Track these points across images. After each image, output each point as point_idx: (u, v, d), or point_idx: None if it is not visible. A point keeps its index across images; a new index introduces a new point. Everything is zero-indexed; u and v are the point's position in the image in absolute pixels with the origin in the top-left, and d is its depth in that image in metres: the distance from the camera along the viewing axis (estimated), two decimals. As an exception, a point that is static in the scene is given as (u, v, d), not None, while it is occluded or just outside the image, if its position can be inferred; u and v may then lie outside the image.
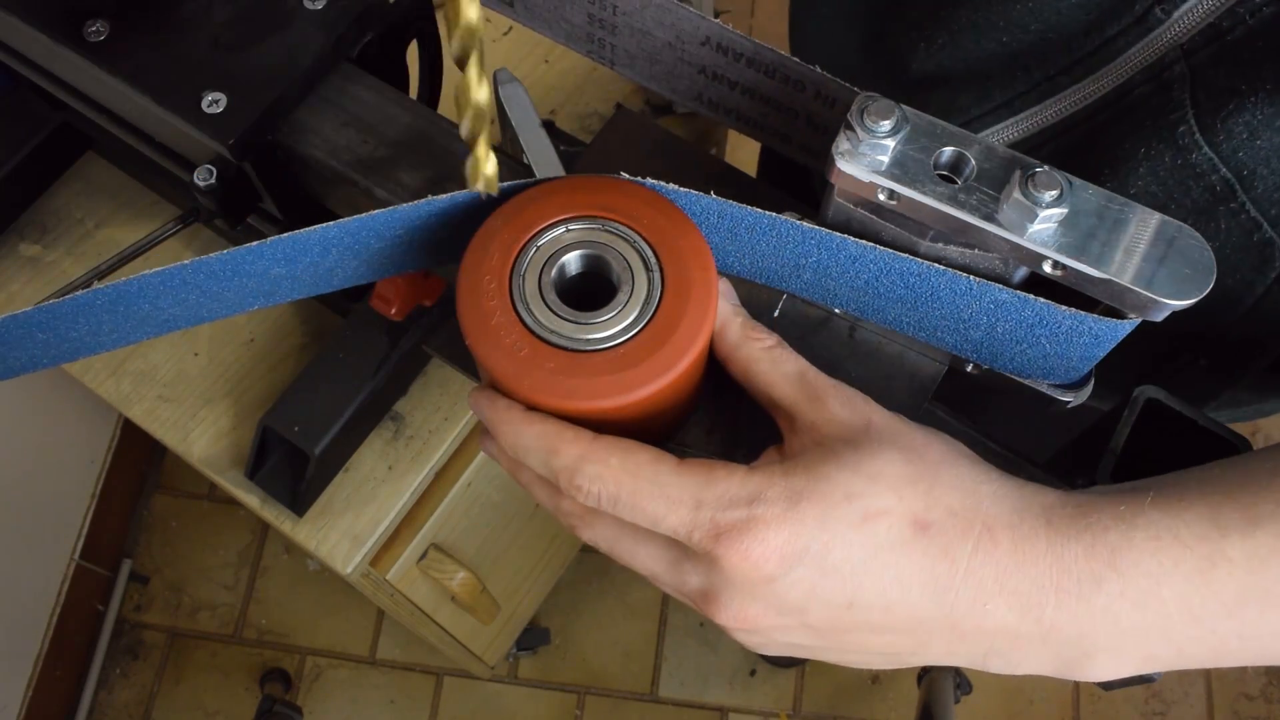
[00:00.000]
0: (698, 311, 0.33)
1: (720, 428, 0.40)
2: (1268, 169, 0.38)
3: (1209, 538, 0.30)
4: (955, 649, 0.32)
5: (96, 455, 1.60)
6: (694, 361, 0.33)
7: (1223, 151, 0.39)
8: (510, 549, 1.17)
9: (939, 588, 0.30)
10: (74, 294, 0.35)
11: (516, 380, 0.32)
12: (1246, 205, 0.39)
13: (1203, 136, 0.39)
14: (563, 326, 0.33)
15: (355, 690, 1.60)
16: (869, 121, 0.33)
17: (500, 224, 0.34)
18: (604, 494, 0.32)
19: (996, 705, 1.56)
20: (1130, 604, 0.30)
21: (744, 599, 0.31)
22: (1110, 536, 0.30)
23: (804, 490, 0.31)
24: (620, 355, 0.32)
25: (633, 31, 0.41)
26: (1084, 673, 0.31)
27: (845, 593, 0.31)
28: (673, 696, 1.58)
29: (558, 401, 0.32)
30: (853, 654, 0.33)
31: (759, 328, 0.36)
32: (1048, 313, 0.34)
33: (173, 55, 0.50)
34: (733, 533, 0.30)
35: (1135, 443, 0.39)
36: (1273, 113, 0.37)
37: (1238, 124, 0.38)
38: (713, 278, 0.34)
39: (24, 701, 1.43)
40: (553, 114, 0.93)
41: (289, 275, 0.38)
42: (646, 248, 0.34)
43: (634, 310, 0.33)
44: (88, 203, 0.79)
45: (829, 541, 0.30)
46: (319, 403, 0.69)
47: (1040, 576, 0.30)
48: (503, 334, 0.32)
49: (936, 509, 0.31)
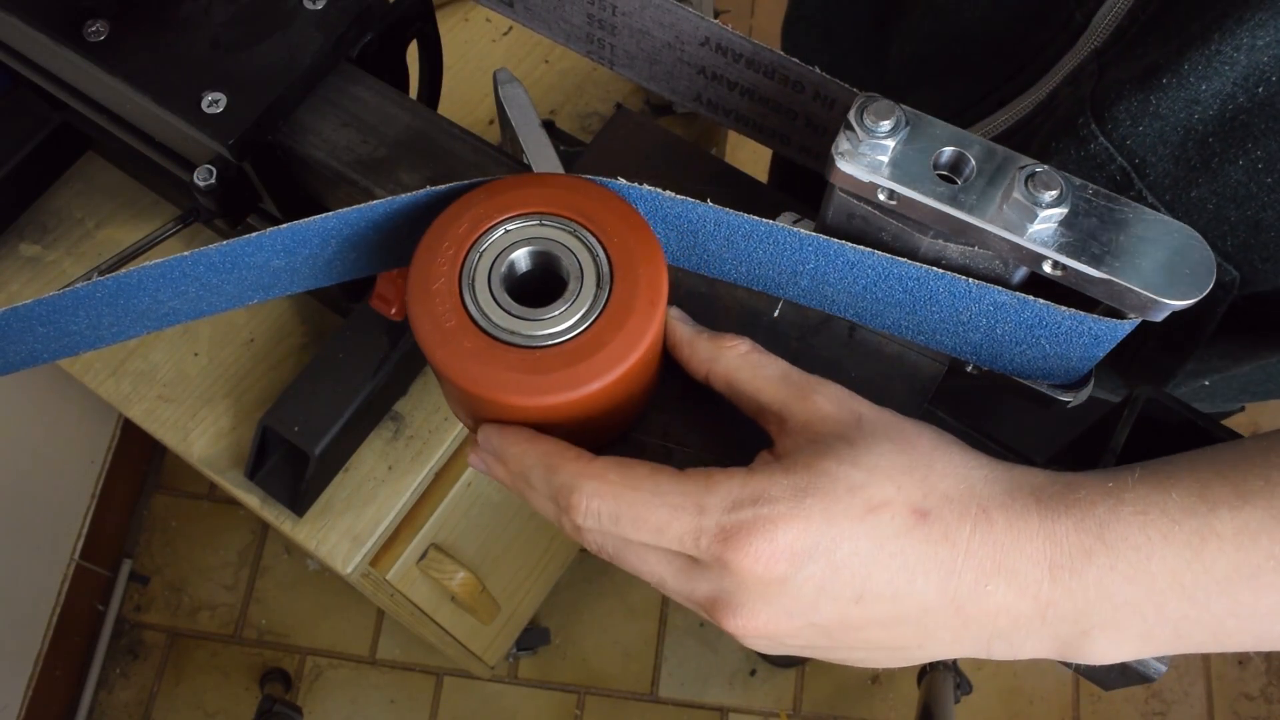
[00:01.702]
0: (647, 303, 0.33)
1: (714, 445, 0.39)
2: (1155, 156, 0.39)
3: (1197, 512, 0.30)
4: (960, 637, 0.32)
5: (96, 455, 1.60)
6: (645, 353, 0.33)
7: (1114, 139, 0.40)
8: (510, 549, 1.17)
9: (943, 572, 0.30)
10: (74, 286, 0.35)
11: (475, 382, 0.32)
12: (1144, 193, 0.40)
13: (1097, 126, 0.40)
14: (515, 324, 0.33)
15: (355, 690, 1.60)
16: (869, 121, 0.33)
17: (447, 224, 0.34)
18: (604, 510, 0.32)
19: (996, 705, 1.56)
20: (1121, 578, 0.30)
21: (756, 603, 0.31)
22: (1098, 511, 0.31)
23: (807, 487, 0.31)
24: (571, 350, 0.32)
25: (632, 32, 0.41)
26: (1085, 653, 0.31)
27: (854, 587, 0.31)
28: (673, 696, 1.58)
29: (510, 398, 0.32)
30: (860, 651, 0.33)
31: (728, 335, 0.36)
32: (1047, 314, 0.34)
33: (173, 55, 0.50)
34: (740, 534, 0.30)
35: (1135, 443, 0.39)
36: (1143, 98, 0.38)
37: (1119, 110, 0.39)
38: (660, 262, 0.34)
39: (24, 701, 1.43)
40: (553, 114, 0.93)
41: (288, 267, 0.38)
42: (595, 243, 0.34)
43: (584, 305, 0.33)
44: (88, 203, 0.79)
45: (837, 536, 0.30)
46: (319, 403, 0.69)
47: (1035, 553, 0.30)
48: (453, 333, 0.33)
49: (933, 496, 0.31)
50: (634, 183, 0.35)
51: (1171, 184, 0.40)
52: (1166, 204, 0.40)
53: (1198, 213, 0.40)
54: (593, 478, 0.32)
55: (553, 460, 0.33)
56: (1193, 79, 0.37)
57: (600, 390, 0.32)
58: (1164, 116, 0.38)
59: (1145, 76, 0.38)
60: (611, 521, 0.32)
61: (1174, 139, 0.39)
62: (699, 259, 0.39)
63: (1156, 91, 0.38)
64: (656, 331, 0.33)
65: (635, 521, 0.31)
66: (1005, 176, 0.33)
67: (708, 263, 0.39)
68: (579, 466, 0.32)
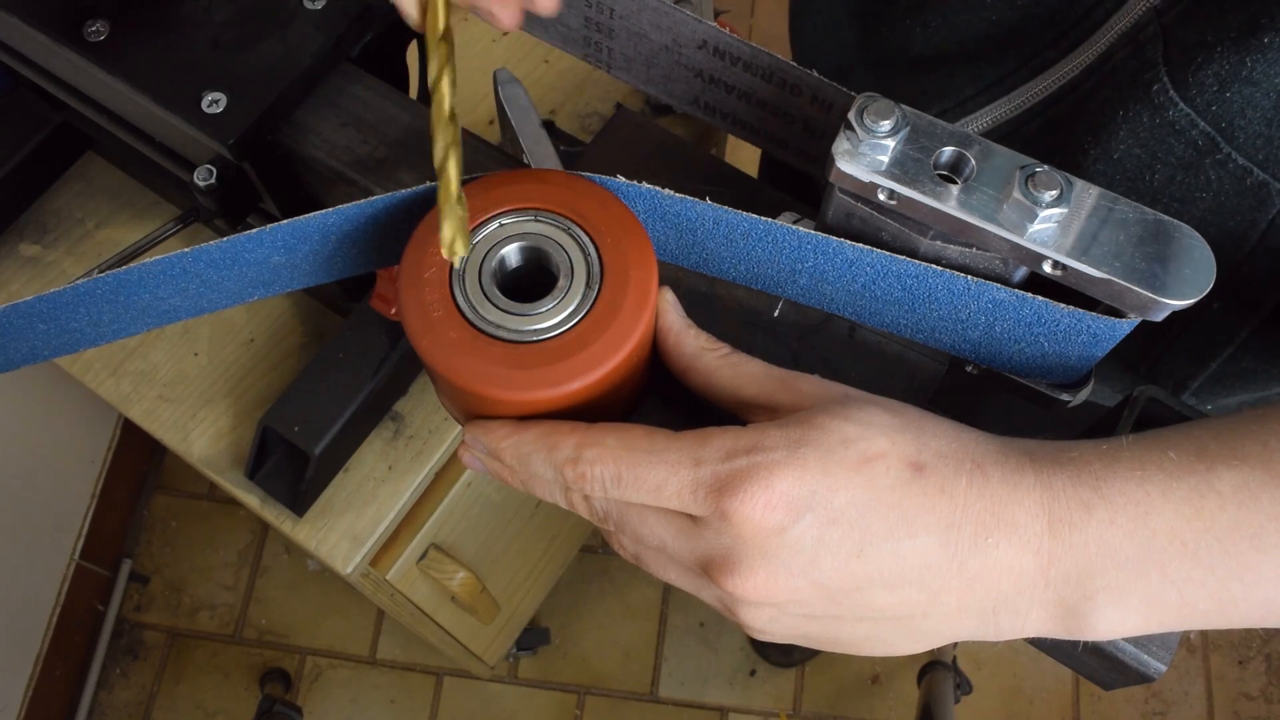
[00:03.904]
0: (635, 305, 0.33)
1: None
2: (1244, 119, 0.39)
3: (1195, 470, 0.30)
4: (965, 602, 0.31)
5: (96, 455, 1.60)
6: (635, 349, 0.33)
7: (1197, 105, 0.39)
8: (510, 549, 1.17)
9: (943, 525, 0.30)
10: (74, 283, 0.35)
11: (458, 373, 0.32)
12: (1232, 155, 0.40)
13: (1177, 93, 0.39)
14: (503, 318, 0.33)
15: (355, 690, 1.60)
16: (869, 121, 0.33)
17: (435, 223, 0.34)
18: (605, 475, 0.32)
19: (996, 705, 1.56)
20: (1122, 533, 0.30)
21: (754, 558, 0.31)
22: (1094, 467, 0.31)
23: (801, 438, 0.31)
24: (560, 345, 0.32)
25: (629, 35, 0.41)
26: (1091, 623, 0.31)
27: (854, 539, 0.30)
28: (673, 696, 1.58)
29: (499, 392, 0.32)
30: (865, 624, 0.33)
31: (713, 339, 0.36)
32: (1046, 311, 0.34)
33: (173, 55, 0.50)
34: (736, 481, 0.30)
35: (1135, 443, 0.39)
36: (1237, 62, 0.37)
37: (1207, 76, 0.38)
38: (652, 265, 0.34)
39: (24, 701, 1.43)
40: (553, 114, 0.93)
41: (289, 264, 0.38)
42: (588, 241, 0.34)
43: (572, 303, 0.33)
44: (88, 203, 0.79)
45: (833, 485, 0.30)
46: (319, 403, 0.69)
47: (1033, 505, 0.30)
48: (439, 323, 0.33)
49: (927, 452, 0.31)
50: (633, 181, 0.35)
51: (1265, 145, 0.39)
52: (1260, 164, 0.40)
53: None
54: (592, 445, 0.32)
55: (550, 439, 0.33)
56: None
57: (582, 388, 0.32)
58: (1257, 81, 0.37)
59: (1243, 36, 0.37)
60: (613, 484, 0.32)
61: (1265, 104, 0.38)
62: (698, 257, 0.39)
63: (1255, 53, 0.37)
64: (643, 333, 0.34)
65: (634, 481, 0.31)
66: (1005, 176, 0.33)
67: (707, 261, 0.39)
68: (577, 437, 0.33)
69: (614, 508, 0.33)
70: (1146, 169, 0.42)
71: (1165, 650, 0.37)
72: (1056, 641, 0.38)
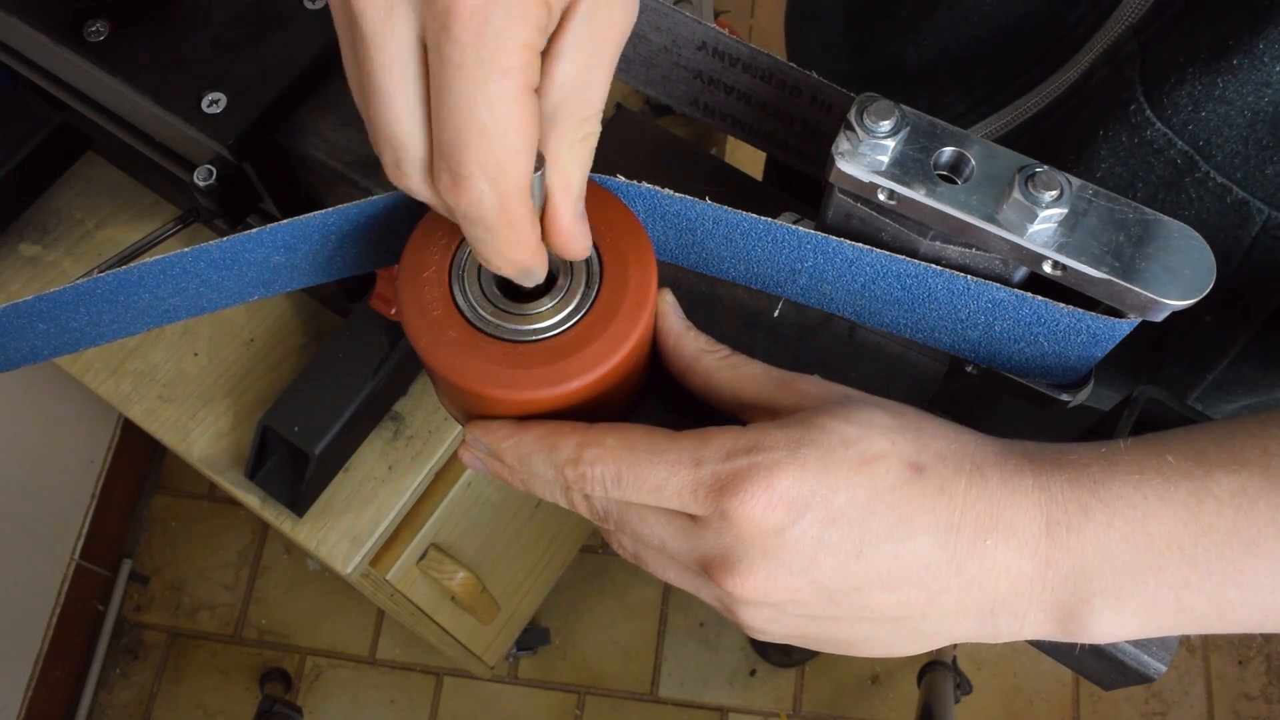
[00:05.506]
0: (634, 305, 0.33)
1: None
2: (1220, 138, 0.39)
3: (1193, 475, 0.30)
4: (963, 604, 0.31)
5: (96, 455, 1.60)
6: (635, 348, 0.33)
7: (1174, 125, 0.39)
8: (510, 549, 1.17)
9: (942, 526, 0.30)
10: (74, 283, 0.35)
11: (456, 372, 0.32)
12: (1211, 174, 0.40)
13: (1153, 112, 0.40)
14: (502, 318, 0.33)
15: (355, 690, 1.60)
16: (869, 121, 0.33)
17: (435, 221, 0.34)
18: (606, 475, 0.32)
19: (996, 705, 1.56)
20: (1119, 536, 0.30)
21: (754, 557, 0.31)
22: (1092, 470, 0.31)
23: (802, 439, 0.31)
24: (553, 347, 0.33)
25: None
26: (1088, 626, 0.31)
27: (853, 540, 0.30)
28: (673, 696, 1.58)
29: (498, 392, 0.32)
30: (864, 624, 0.33)
31: (713, 341, 0.37)
32: (1045, 311, 0.34)
33: (173, 55, 0.51)
34: (736, 481, 0.30)
35: (1134, 443, 0.39)
36: (1209, 82, 0.38)
37: (1181, 96, 0.39)
38: (651, 265, 0.34)
39: (24, 701, 1.43)
40: (553, 114, 0.92)
41: (289, 263, 0.38)
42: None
43: (571, 302, 0.33)
44: (88, 203, 0.79)
45: (833, 485, 0.30)
46: (319, 403, 0.69)
47: (1031, 508, 0.30)
48: (438, 321, 0.33)
49: (926, 453, 0.31)
50: (632, 181, 0.35)
51: (1242, 163, 0.39)
52: (1239, 182, 0.40)
53: (1276, 186, 0.39)
54: (592, 445, 0.32)
55: (550, 439, 0.33)
56: (1267, 59, 0.36)
57: (582, 387, 0.32)
58: (1230, 101, 0.38)
59: (1213, 57, 0.37)
60: (614, 484, 0.32)
61: (1240, 122, 0.38)
62: (698, 257, 0.39)
63: (1225, 74, 0.37)
64: (643, 333, 0.34)
65: (635, 481, 0.32)
66: (1005, 176, 0.33)
67: (707, 261, 0.39)
68: (577, 437, 0.33)
69: (614, 507, 0.33)
70: (1128, 187, 0.42)
71: (1165, 650, 0.37)
72: (1056, 642, 0.38)
